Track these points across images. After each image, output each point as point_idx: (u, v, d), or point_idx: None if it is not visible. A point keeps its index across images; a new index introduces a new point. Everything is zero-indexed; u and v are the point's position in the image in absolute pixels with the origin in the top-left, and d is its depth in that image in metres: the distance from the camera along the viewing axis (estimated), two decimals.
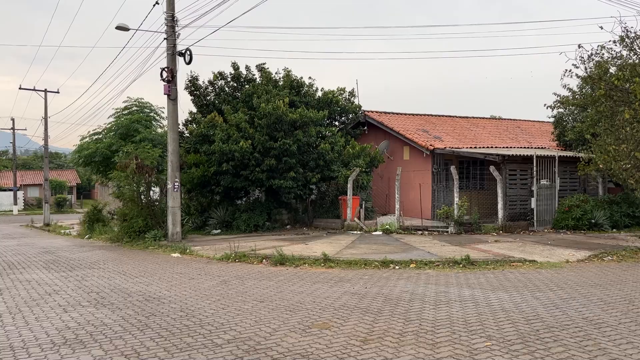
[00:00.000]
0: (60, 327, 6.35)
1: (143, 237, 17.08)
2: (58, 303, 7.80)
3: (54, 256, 14.64)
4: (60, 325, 6.44)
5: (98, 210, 24.43)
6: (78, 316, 6.89)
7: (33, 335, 5.98)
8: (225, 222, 19.56)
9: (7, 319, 6.85)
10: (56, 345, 5.56)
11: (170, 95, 16.64)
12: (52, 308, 7.45)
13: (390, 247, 13.66)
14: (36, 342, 5.72)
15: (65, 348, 5.46)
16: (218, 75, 20.90)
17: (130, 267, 11.69)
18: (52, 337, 5.91)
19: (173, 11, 16.49)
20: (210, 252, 13.51)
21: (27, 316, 6.97)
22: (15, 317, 6.91)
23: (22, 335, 6.02)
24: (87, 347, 5.49)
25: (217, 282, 9.35)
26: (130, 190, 18.18)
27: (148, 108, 25.59)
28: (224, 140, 18.07)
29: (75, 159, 27.26)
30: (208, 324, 6.32)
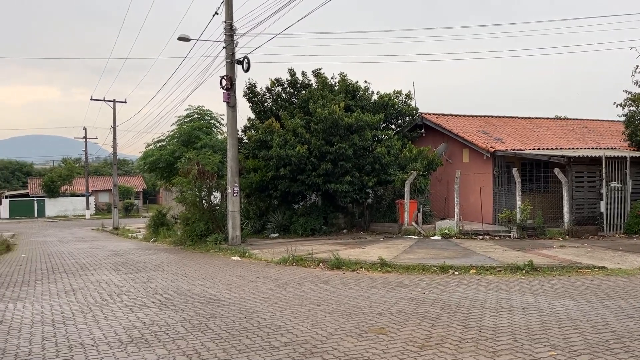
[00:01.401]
0: (127, 326, 6.65)
1: (204, 240, 17.59)
2: (125, 303, 8.17)
3: (122, 258, 15.35)
4: (127, 324, 6.75)
5: (162, 215, 25.41)
6: (143, 316, 7.19)
7: (102, 334, 6.29)
8: (283, 225, 19.82)
9: (79, 317, 7.25)
10: (123, 344, 5.82)
11: (230, 103, 17.07)
12: (120, 308, 7.81)
13: (449, 252, 13.39)
14: (105, 340, 6.02)
15: (132, 346, 5.71)
16: (275, 81, 21.25)
17: (192, 270, 12.07)
18: (120, 335, 6.20)
19: (231, 20, 16.94)
20: (269, 256, 13.73)
21: (97, 315, 7.35)
22: (87, 316, 7.30)
23: (92, 333, 6.35)
24: (151, 346, 5.72)
25: (275, 285, 9.49)
26: (192, 195, 18.79)
27: (208, 115, 26.38)
28: (281, 146, 18.35)
29: (141, 165, 28.49)
30: (266, 327, 6.43)
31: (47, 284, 10.48)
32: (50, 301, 8.57)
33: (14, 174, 74.99)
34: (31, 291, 9.67)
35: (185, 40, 17.75)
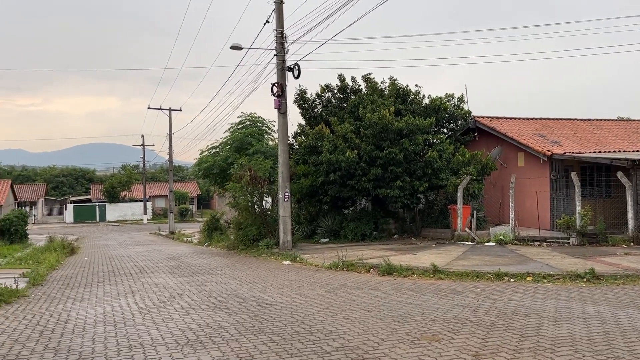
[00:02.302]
0: (183, 328, 6.85)
1: (256, 245, 17.88)
2: (181, 306, 8.41)
3: (177, 262, 15.82)
4: (183, 326, 6.95)
5: (216, 220, 26.04)
6: (198, 318, 7.38)
7: (160, 335, 6.51)
8: (333, 231, 19.86)
9: (138, 318, 7.53)
10: (180, 345, 6.00)
11: (280, 109, 17.31)
12: (176, 310, 8.05)
13: (505, 258, 13.01)
14: (162, 341, 6.22)
15: (188, 348, 5.88)
16: (325, 87, 21.39)
17: (245, 274, 12.29)
18: (176, 337, 6.39)
19: (282, 28, 17.19)
20: (319, 261, 13.78)
21: (155, 317, 7.60)
22: (145, 318, 7.57)
23: (150, 334, 6.57)
24: (206, 347, 5.86)
25: (326, 290, 9.52)
26: (245, 200, 19.14)
27: (260, 122, 26.84)
28: (331, 151, 18.42)
29: (196, 171, 29.32)
30: (317, 331, 6.46)
31: (109, 286, 10.94)
32: (111, 302, 8.94)
33: (78, 181, 78.81)
34: (94, 292, 10.12)
35: (237, 49, 18.15)
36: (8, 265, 16.15)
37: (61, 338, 6.45)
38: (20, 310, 8.27)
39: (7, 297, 8.97)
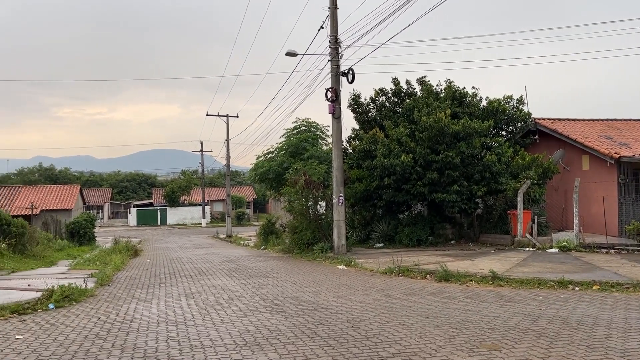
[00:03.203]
0: (241, 329, 6.99)
1: (311, 248, 18.01)
2: (239, 308, 8.59)
3: (235, 265, 16.17)
4: (241, 328, 7.10)
5: (272, 224, 26.42)
6: (256, 321, 7.52)
7: (219, 336, 6.68)
8: (388, 235, 19.71)
9: (198, 319, 7.76)
10: (238, 346, 6.14)
11: (335, 114, 17.39)
12: (234, 312, 8.24)
13: (568, 266, 12.48)
14: (222, 342, 6.38)
15: (246, 349, 6.00)
16: (379, 91, 21.31)
17: (300, 277, 12.40)
18: (235, 338, 6.53)
19: (336, 34, 17.29)
20: (374, 265, 13.71)
21: (214, 318, 7.81)
22: (205, 319, 7.79)
23: (210, 335, 6.75)
24: (264, 349, 5.96)
25: (382, 296, 9.46)
26: (300, 205, 19.35)
27: (314, 127, 27.07)
28: (385, 155, 18.31)
29: (252, 176, 29.90)
30: (373, 336, 6.43)
31: (170, 287, 11.33)
32: (172, 303, 9.25)
33: (140, 185, 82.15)
34: (156, 293, 10.50)
35: (292, 55, 18.41)
36: (78, 266, 17.05)
37: (127, 336, 6.74)
38: (90, 309, 8.70)
39: (78, 296, 9.47)
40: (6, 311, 8.09)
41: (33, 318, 7.95)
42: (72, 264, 18.01)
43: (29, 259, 19.97)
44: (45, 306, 8.67)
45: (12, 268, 16.28)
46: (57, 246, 26.30)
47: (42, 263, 19.38)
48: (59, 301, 8.94)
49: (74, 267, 16.57)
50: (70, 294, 9.33)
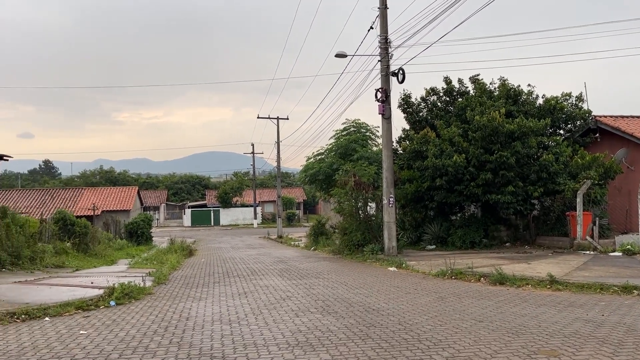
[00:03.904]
0: (293, 329, 7.06)
1: (361, 250, 17.95)
2: (291, 308, 8.68)
3: (286, 265, 16.35)
4: (293, 328, 7.17)
5: (321, 225, 26.54)
6: (307, 321, 7.57)
7: (272, 335, 6.77)
8: (440, 237, 19.38)
9: (251, 319, 7.89)
10: (290, 346, 6.20)
11: (384, 115, 17.28)
12: (286, 312, 8.33)
13: (634, 270, 11.88)
14: (274, 341, 6.46)
15: (298, 349, 6.05)
16: (430, 91, 21.01)
17: (351, 279, 12.39)
18: (287, 338, 6.60)
19: (386, 34, 17.18)
20: (426, 268, 13.52)
21: (267, 318, 7.92)
22: (258, 318, 7.91)
23: (263, 334, 6.86)
24: (315, 350, 6.00)
25: (434, 298, 9.32)
26: (349, 206, 19.33)
27: (364, 128, 27.00)
28: (437, 156, 18.02)
29: (302, 177, 30.17)
30: (426, 339, 6.35)
31: (224, 287, 11.59)
32: (226, 302, 9.45)
33: (195, 187, 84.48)
34: (211, 292, 10.76)
35: (342, 57, 18.43)
36: (136, 264, 17.72)
37: (183, 334, 6.94)
38: (148, 307, 9.02)
39: (137, 294, 9.83)
40: (71, 307, 8.51)
41: (96, 314, 8.32)
42: (131, 263, 18.74)
43: (91, 257, 20.94)
44: (107, 303, 9.05)
45: (76, 266, 17.11)
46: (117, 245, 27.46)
47: (103, 262, 20.28)
48: (120, 298, 9.32)
49: (132, 266, 17.24)
50: (129, 292, 9.70)
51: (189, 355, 5.89)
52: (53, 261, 16.67)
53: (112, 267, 17.97)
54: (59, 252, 18.47)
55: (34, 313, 8.03)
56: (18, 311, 8.00)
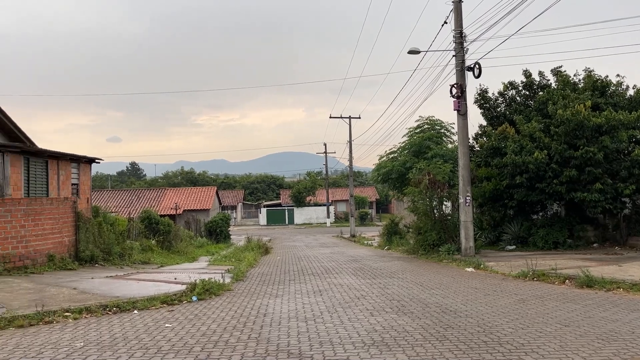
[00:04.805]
0: (368, 329, 7.04)
1: (437, 250, 17.60)
2: (365, 307, 8.66)
3: (359, 264, 16.34)
4: (368, 327, 7.15)
5: (395, 224, 26.28)
6: (383, 321, 7.52)
7: (347, 334, 6.79)
8: (520, 237, 18.61)
9: (326, 316, 7.96)
10: (366, 345, 6.19)
11: (460, 111, 16.83)
12: (360, 311, 8.32)
13: None
14: (350, 340, 6.48)
15: (374, 349, 6.03)
16: (508, 85, 20.24)
17: (426, 279, 12.18)
18: (362, 337, 6.60)
19: (461, 28, 16.73)
20: (505, 269, 13.03)
21: (342, 316, 7.96)
22: (333, 316, 7.96)
23: (338, 332, 6.89)
24: (392, 350, 5.95)
25: (515, 300, 8.96)
26: (424, 205, 19.00)
27: (438, 125, 26.44)
28: (516, 152, 17.30)
29: (375, 176, 30.01)
30: (507, 343, 6.11)
31: (299, 284, 11.77)
32: (302, 300, 9.59)
33: (270, 187, 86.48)
34: (286, 289, 10.97)
35: (415, 53, 18.15)
36: (216, 262, 18.40)
37: (261, 330, 7.12)
38: (227, 303, 9.34)
39: (216, 290, 10.21)
40: (157, 301, 8.98)
41: (179, 308, 8.72)
42: (211, 260, 19.48)
43: (174, 254, 22.01)
44: (189, 298, 9.46)
45: (160, 262, 18.05)
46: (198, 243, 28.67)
47: (185, 258, 21.24)
48: (201, 294, 9.71)
49: (212, 263, 17.91)
50: (210, 288, 10.08)
51: (267, 350, 6.03)
52: (140, 257, 17.67)
53: (193, 264, 18.77)
54: (145, 249, 19.54)
55: (124, 306, 8.56)
56: (110, 304, 8.55)
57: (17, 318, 7.48)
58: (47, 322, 7.55)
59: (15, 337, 6.76)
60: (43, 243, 13.29)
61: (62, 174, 17.46)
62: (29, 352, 6.03)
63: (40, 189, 16.14)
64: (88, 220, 15.82)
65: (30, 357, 5.80)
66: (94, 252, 15.06)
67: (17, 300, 8.77)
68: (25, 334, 6.89)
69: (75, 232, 14.84)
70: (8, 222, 12.38)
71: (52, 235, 13.68)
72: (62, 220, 14.29)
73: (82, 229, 14.98)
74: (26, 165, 15.34)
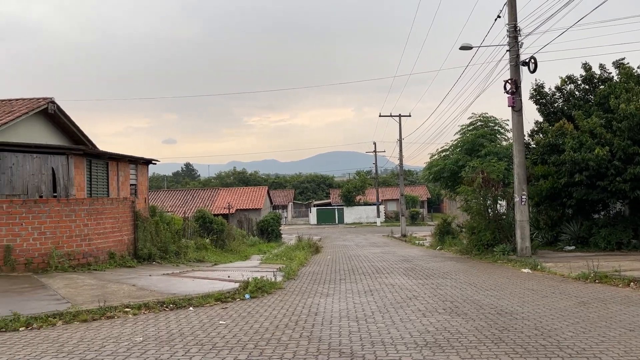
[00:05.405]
0: (420, 330, 6.95)
1: (491, 250, 17.16)
2: (417, 308, 8.55)
3: (411, 264, 16.15)
4: (420, 328, 7.05)
5: (447, 224, 25.82)
6: (435, 322, 7.40)
7: (399, 334, 6.72)
8: (580, 238, 17.86)
9: (378, 316, 7.91)
10: (418, 346, 6.10)
11: (515, 107, 16.34)
12: (412, 312, 8.22)
13: None
14: (402, 340, 6.41)
15: (426, 350, 5.94)
16: (566, 79, 19.48)
17: (480, 280, 11.89)
18: (415, 338, 6.51)
19: (515, 21, 16.24)
20: (564, 270, 12.54)
21: (393, 316, 7.88)
22: (384, 316, 7.91)
23: (390, 332, 6.84)
24: (445, 351, 5.84)
25: (575, 303, 8.61)
26: (477, 204, 18.57)
27: (492, 122, 25.80)
28: (575, 149, 16.61)
29: (426, 175, 29.60)
30: (567, 347, 5.88)
31: (350, 284, 11.76)
32: (353, 299, 9.58)
33: (319, 186, 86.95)
34: (337, 289, 10.98)
35: (467, 49, 17.77)
36: (267, 260, 18.67)
37: (312, 328, 7.16)
38: (279, 301, 9.45)
39: (269, 289, 10.35)
40: (211, 299, 9.20)
41: (232, 306, 8.90)
42: (263, 259, 19.79)
43: (227, 252, 22.50)
44: (242, 296, 9.64)
45: (214, 260, 18.50)
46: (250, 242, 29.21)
47: (238, 257, 21.68)
48: (253, 292, 9.88)
49: (264, 262, 18.19)
50: (262, 286, 10.24)
51: (319, 349, 6.06)
52: (194, 256, 18.17)
53: (245, 262, 19.12)
54: (200, 247, 20.09)
55: (180, 303, 8.82)
56: (167, 301, 8.84)
57: (81, 313, 7.86)
58: (108, 317, 7.90)
59: (80, 330, 7.10)
60: (104, 241, 13.90)
61: (122, 175, 18.18)
62: (92, 345, 6.31)
63: (102, 189, 16.88)
64: (146, 219, 16.41)
65: (94, 351, 6.08)
66: (151, 250, 15.60)
67: (81, 296, 9.21)
68: (88, 328, 7.23)
69: (133, 230, 15.43)
70: (72, 222, 13.02)
71: (112, 233, 14.27)
72: (122, 220, 14.88)
73: (140, 228, 15.55)
74: (88, 167, 16.07)
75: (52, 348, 6.22)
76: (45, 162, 14.52)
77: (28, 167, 14.37)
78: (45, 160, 14.53)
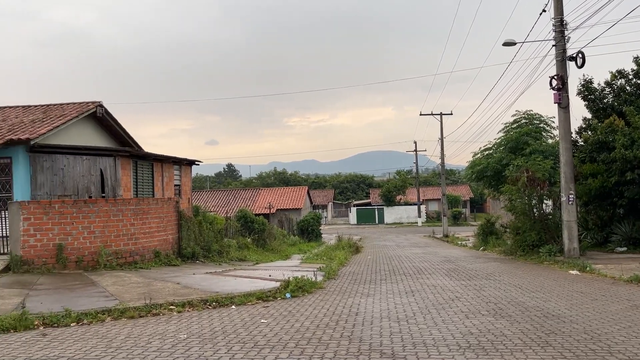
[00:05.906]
0: (463, 331, 6.82)
1: (537, 251, 16.69)
2: (460, 309, 8.40)
3: (453, 265, 15.88)
4: (463, 329, 6.93)
5: (491, 224, 25.25)
6: (478, 323, 7.26)
7: (441, 336, 6.62)
8: (632, 239, 17.13)
9: (419, 318, 7.82)
10: (461, 348, 6.00)
11: (561, 104, 15.83)
12: (455, 313, 8.08)
13: None
14: (444, 342, 6.31)
15: (469, 352, 5.83)
16: (617, 74, 18.75)
17: (526, 281, 11.58)
18: (457, 339, 6.40)
19: (561, 15, 15.73)
20: (615, 272, 12.07)
21: (435, 317, 7.78)
22: (426, 318, 7.81)
23: (432, 334, 6.74)
24: (489, 354, 5.71)
25: (627, 307, 8.26)
26: (522, 204, 18.10)
27: (537, 119, 25.10)
28: (626, 146, 15.96)
29: (468, 174, 29.04)
30: (618, 352, 5.66)
31: (390, 284, 11.67)
32: (394, 300, 9.50)
33: (359, 186, 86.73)
34: (378, 289, 10.92)
35: (510, 45, 17.35)
36: (308, 260, 18.76)
37: (353, 328, 7.15)
38: (319, 300, 9.47)
39: (309, 288, 10.40)
40: (253, 297, 9.32)
41: (274, 305, 8.99)
42: (303, 258, 19.89)
43: (268, 252, 22.74)
44: (283, 295, 9.72)
45: (255, 260, 18.73)
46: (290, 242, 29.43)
47: (279, 256, 21.87)
48: (294, 291, 9.94)
49: (304, 261, 18.28)
50: (303, 286, 10.29)
51: (360, 349, 6.04)
52: (236, 255, 18.45)
53: (286, 261, 19.26)
54: (241, 246, 20.38)
55: (222, 301, 8.98)
56: (209, 299, 9.01)
57: (128, 310, 8.11)
58: (154, 314, 8.12)
59: (127, 327, 7.33)
60: (150, 240, 14.29)
61: (166, 176, 18.65)
62: (139, 341, 6.50)
63: (147, 189, 17.36)
64: (189, 219, 16.77)
65: (140, 346, 6.26)
66: (194, 249, 15.94)
67: (128, 294, 9.50)
68: (135, 325, 7.45)
69: (178, 230, 15.80)
70: (120, 221, 13.45)
71: (157, 233, 14.66)
72: (166, 219, 15.27)
73: (184, 227, 15.91)
74: (134, 168, 16.57)
75: (102, 343, 6.44)
76: (94, 164, 15.06)
77: (78, 169, 14.94)
78: (94, 162, 15.07)
